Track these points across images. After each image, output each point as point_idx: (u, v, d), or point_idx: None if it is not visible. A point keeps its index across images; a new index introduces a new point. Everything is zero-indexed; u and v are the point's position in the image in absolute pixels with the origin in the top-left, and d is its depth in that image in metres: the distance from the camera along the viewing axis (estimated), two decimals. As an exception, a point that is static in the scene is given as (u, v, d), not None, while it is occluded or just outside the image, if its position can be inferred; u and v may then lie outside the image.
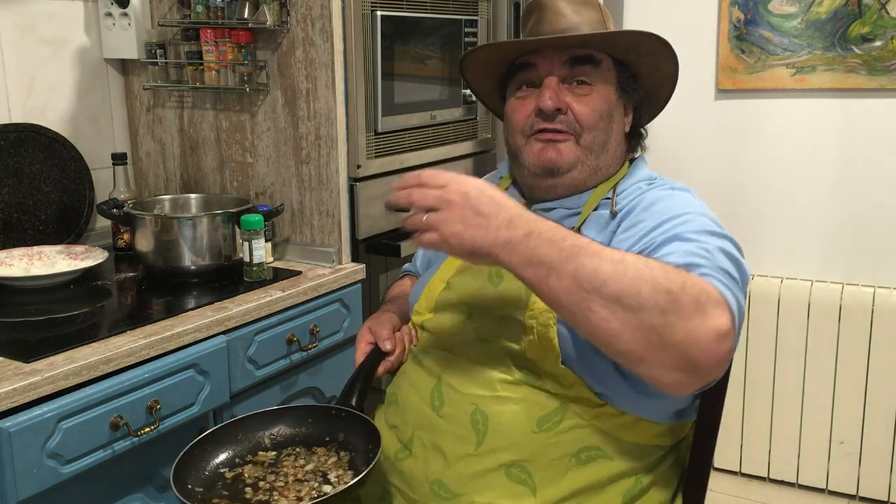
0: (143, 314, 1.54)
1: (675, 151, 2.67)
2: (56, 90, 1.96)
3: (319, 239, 1.88)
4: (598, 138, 1.27)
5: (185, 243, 1.70)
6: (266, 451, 1.17)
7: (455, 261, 1.33)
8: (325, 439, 1.17)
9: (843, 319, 2.47)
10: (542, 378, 1.15)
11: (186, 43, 1.93)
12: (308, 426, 1.19)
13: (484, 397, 1.16)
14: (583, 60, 1.26)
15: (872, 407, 2.48)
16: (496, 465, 1.14)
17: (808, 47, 2.48)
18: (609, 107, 1.28)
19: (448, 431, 1.17)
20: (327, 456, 1.14)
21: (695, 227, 1.11)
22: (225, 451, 1.15)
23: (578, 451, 1.15)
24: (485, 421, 1.15)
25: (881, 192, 2.48)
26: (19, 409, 1.21)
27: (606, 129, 1.28)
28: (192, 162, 2.02)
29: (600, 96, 1.27)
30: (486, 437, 1.14)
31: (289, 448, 1.17)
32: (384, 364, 1.29)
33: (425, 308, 1.33)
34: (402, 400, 1.26)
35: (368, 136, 1.93)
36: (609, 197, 1.27)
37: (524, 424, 1.14)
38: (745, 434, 2.67)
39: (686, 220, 1.13)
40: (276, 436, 1.19)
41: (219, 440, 1.16)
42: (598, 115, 1.26)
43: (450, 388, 1.19)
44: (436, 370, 1.23)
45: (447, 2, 2.16)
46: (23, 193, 1.86)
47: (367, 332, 1.34)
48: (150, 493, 1.47)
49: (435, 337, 1.28)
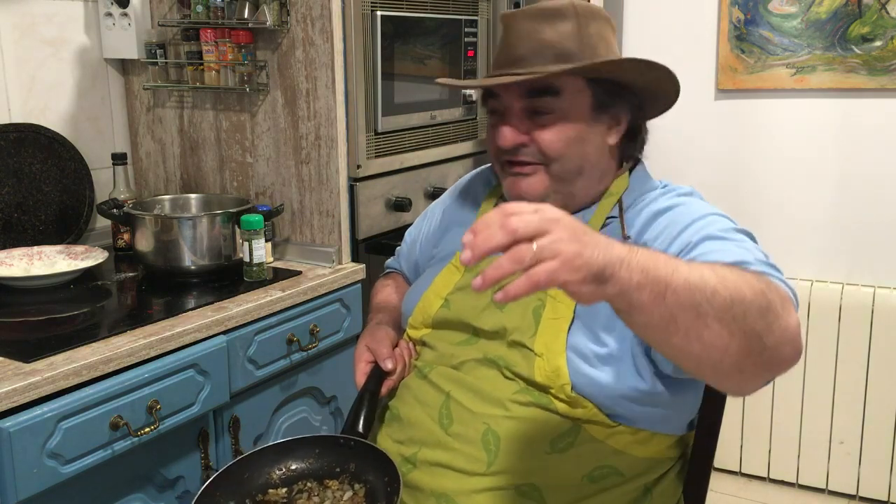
0: (143, 314, 1.54)
1: (675, 151, 2.67)
2: (56, 90, 1.96)
3: (319, 239, 1.88)
4: (570, 165, 1.21)
5: (185, 243, 1.70)
6: (277, 488, 1.12)
7: (452, 277, 1.29)
8: (336, 471, 1.13)
9: (843, 319, 2.47)
10: (554, 401, 1.13)
11: (186, 43, 1.93)
12: (316, 458, 1.15)
13: (496, 417, 1.13)
14: (540, 92, 1.19)
15: (872, 407, 2.48)
16: (508, 484, 1.12)
17: (808, 47, 2.48)
18: (579, 131, 1.20)
19: (458, 450, 1.14)
20: (342, 490, 1.10)
21: (721, 226, 1.10)
22: (234, 496, 1.10)
23: (591, 471, 1.13)
24: (496, 441, 1.12)
25: (881, 192, 2.48)
26: (19, 409, 1.21)
27: (579, 154, 1.21)
28: (192, 162, 2.02)
29: (567, 123, 1.19)
30: (498, 458, 1.12)
31: (299, 483, 1.13)
32: (386, 384, 1.25)
33: (421, 323, 1.29)
34: (407, 416, 1.22)
35: (368, 136, 1.93)
36: (615, 216, 1.22)
37: (537, 445, 1.12)
38: (745, 434, 2.67)
39: (711, 221, 1.12)
40: (285, 471, 1.14)
41: (226, 484, 1.10)
42: (564, 142, 1.19)
43: (459, 406, 1.16)
44: (444, 387, 1.19)
45: (447, 2, 2.16)
46: (23, 193, 1.86)
47: (366, 351, 1.29)
48: (150, 493, 1.47)
49: (439, 354, 1.24)
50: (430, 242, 1.47)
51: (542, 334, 1.14)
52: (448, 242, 1.40)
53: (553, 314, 1.15)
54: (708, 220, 1.12)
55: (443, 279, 1.30)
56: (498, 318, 1.19)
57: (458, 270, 1.29)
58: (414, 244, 1.52)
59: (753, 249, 1.05)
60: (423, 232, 1.50)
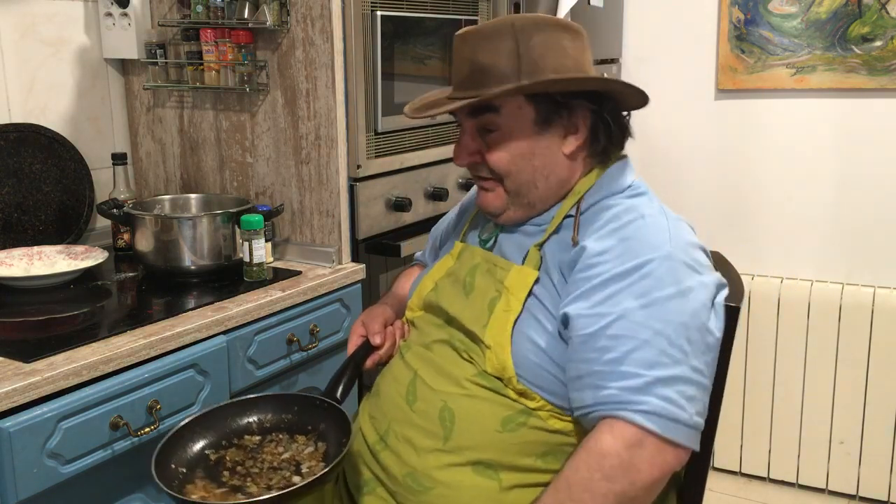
0: (143, 314, 1.54)
1: (676, 151, 2.67)
2: (56, 90, 1.96)
3: (319, 239, 1.88)
4: (521, 179, 1.23)
5: (185, 243, 1.70)
6: (252, 435, 1.20)
7: (447, 262, 1.35)
8: (308, 428, 1.20)
9: (843, 319, 2.47)
10: (506, 388, 1.16)
11: (186, 43, 1.93)
12: (294, 413, 1.22)
13: (453, 394, 1.18)
14: (482, 110, 1.21)
15: (872, 407, 2.48)
16: (464, 461, 1.15)
17: (808, 47, 2.48)
18: (526, 146, 1.21)
19: (419, 426, 1.19)
20: (306, 445, 1.17)
21: (652, 313, 1.09)
22: (213, 434, 1.18)
23: (544, 454, 1.16)
24: (451, 417, 1.17)
25: (881, 192, 2.48)
26: (19, 409, 1.21)
27: (528, 168, 1.22)
28: (192, 162, 2.02)
29: (512, 140, 1.21)
30: (453, 434, 1.16)
31: (273, 434, 1.20)
32: (372, 357, 1.32)
33: (416, 305, 1.35)
34: (383, 392, 1.28)
35: (368, 136, 1.93)
36: (572, 214, 1.23)
37: (488, 423, 1.15)
38: (745, 434, 2.67)
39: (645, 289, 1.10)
40: (264, 421, 1.22)
41: (208, 422, 1.19)
42: (510, 159, 1.22)
43: (423, 384, 1.22)
44: (413, 366, 1.25)
45: (447, 2, 2.16)
46: (23, 193, 1.86)
47: (360, 326, 1.36)
48: (150, 493, 1.47)
49: (418, 333, 1.31)
50: (447, 235, 1.53)
51: (492, 326, 1.18)
52: (457, 233, 1.45)
53: (505, 307, 1.19)
54: (642, 286, 1.10)
55: (441, 265, 1.36)
56: (462, 305, 1.24)
57: (452, 258, 1.35)
58: (436, 236, 1.57)
59: (652, 358, 1.07)
60: (444, 225, 1.56)
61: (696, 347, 1.10)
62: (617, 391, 1.06)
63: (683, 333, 1.09)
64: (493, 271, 1.24)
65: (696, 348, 1.10)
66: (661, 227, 1.16)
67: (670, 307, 1.09)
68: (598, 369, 1.08)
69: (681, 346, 1.08)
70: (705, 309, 1.12)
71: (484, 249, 1.31)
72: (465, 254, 1.33)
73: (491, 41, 1.20)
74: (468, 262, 1.30)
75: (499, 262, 1.25)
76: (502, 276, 1.22)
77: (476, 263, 1.28)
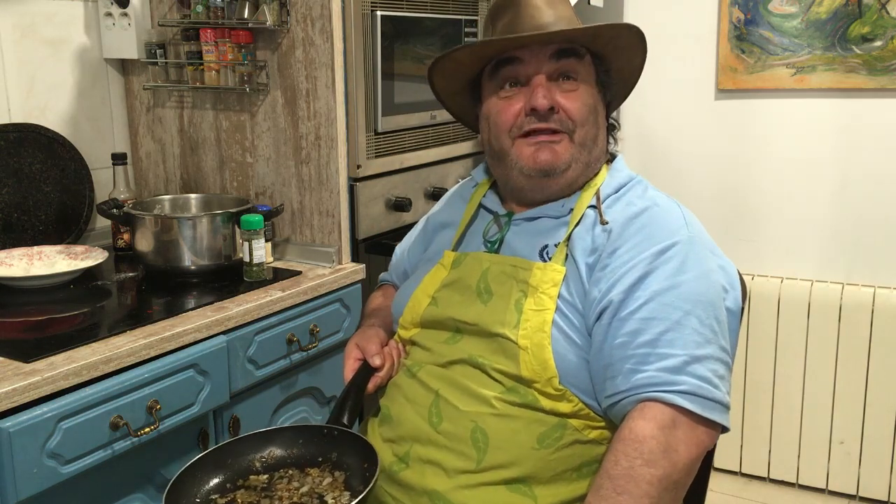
0: (143, 314, 1.54)
1: (676, 151, 2.67)
2: (56, 90, 1.96)
3: (319, 239, 1.88)
4: (590, 133, 1.25)
5: (185, 243, 1.70)
6: (258, 474, 1.14)
7: (440, 274, 1.31)
8: (318, 460, 1.15)
9: (843, 319, 2.47)
10: (540, 396, 1.14)
11: (186, 43, 1.93)
12: (299, 447, 1.17)
13: (483, 414, 1.15)
14: (568, 53, 1.24)
15: (872, 407, 2.48)
16: (498, 479, 1.13)
17: (809, 47, 2.48)
18: (594, 101, 1.26)
19: (447, 447, 1.16)
20: (321, 477, 1.13)
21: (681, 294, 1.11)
22: (215, 477, 1.12)
23: (580, 466, 1.15)
24: (485, 438, 1.14)
25: (881, 192, 2.48)
26: (19, 409, 1.21)
27: (595, 122, 1.26)
28: (192, 162, 2.02)
29: (586, 91, 1.25)
30: (487, 455, 1.13)
31: (281, 471, 1.15)
32: (373, 380, 1.27)
33: (410, 323, 1.31)
34: (397, 414, 1.23)
35: (368, 136, 1.93)
36: (594, 205, 1.25)
37: (525, 441, 1.13)
38: (745, 434, 2.67)
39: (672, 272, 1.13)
40: (267, 458, 1.16)
41: (208, 466, 1.13)
42: (587, 109, 1.24)
43: (447, 405, 1.18)
44: (433, 385, 1.21)
45: (447, 2, 2.16)
46: (23, 193, 1.86)
47: (355, 348, 1.32)
48: (149, 493, 1.47)
49: (427, 352, 1.26)
50: (417, 249, 1.50)
51: (524, 326, 1.16)
52: (436, 244, 1.42)
53: (535, 305, 1.17)
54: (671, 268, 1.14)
55: (431, 278, 1.32)
56: (479, 310, 1.21)
57: (445, 269, 1.31)
58: (402, 255, 1.55)
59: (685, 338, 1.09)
60: (409, 242, 1.54)
61: (723, 327, 1.13)
62: (654, 372, 1.07)
63: (712, 313, 1.12)
64: (512, 272, 1.22)
65: (723, 328, 1.13)
66: (676, 213, 1.21)
67: (697, 288, 1.12)
68: (631, 353, 1.09)
69: (711, 326, 1.11)
70: (724, 291, 1.16)
71: (490, 253, 1.28)
72: (467, 261, 1.29)
73: (552, 2, 1.26)
74: (475, 269, 1.27)
75: (517, 263, 1.23)
76: (525, 276, 1.20)
77: (486, 268, 1.25)
